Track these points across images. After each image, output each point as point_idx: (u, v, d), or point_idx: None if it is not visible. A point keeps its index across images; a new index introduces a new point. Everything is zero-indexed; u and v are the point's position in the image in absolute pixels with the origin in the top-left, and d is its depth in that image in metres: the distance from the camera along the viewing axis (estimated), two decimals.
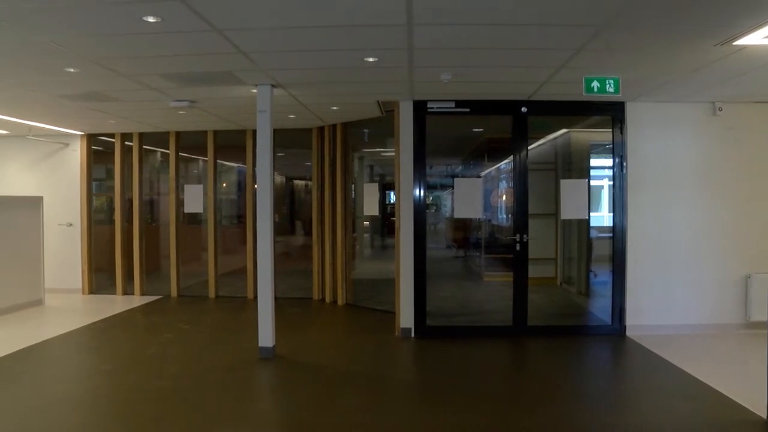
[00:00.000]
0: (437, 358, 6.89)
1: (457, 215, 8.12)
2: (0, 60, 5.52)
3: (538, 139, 10.54)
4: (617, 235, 7.70)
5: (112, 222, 10.97)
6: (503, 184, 12.59)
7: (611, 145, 7.72)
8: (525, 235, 7.64)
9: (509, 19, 4.47)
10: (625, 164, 7.59)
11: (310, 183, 10.74)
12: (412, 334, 7.67)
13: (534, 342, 7.44)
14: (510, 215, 9.02)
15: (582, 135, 10.05)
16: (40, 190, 10.23)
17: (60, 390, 5.73)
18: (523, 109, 7.59)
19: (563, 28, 4.68)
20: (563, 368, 6.48)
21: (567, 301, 10.21)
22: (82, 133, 10.58)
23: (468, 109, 7.64)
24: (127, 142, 10.72)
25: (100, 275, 10.95)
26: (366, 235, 14.83)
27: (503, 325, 7.82)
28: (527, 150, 7.76)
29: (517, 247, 7.64)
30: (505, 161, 11.19)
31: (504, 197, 12.37)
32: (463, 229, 14.62)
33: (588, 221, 9.33)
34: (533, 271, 7.88)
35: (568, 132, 10.33)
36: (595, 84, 6.09)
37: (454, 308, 9.51)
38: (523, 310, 7.68)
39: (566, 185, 7.99)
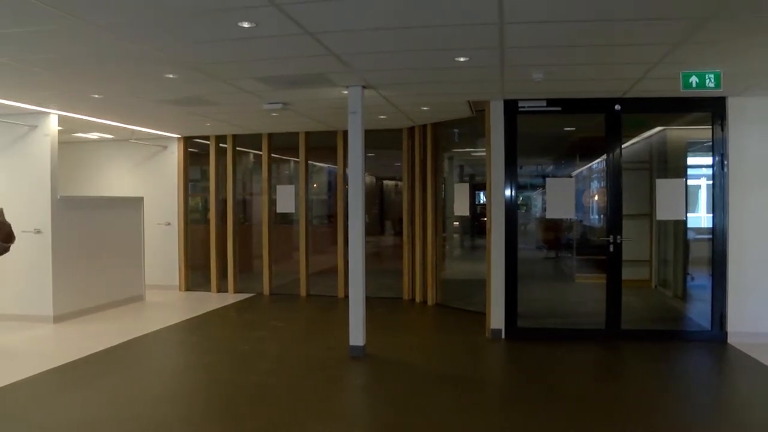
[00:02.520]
0: (529, 360, 6.81)
1: (548, 216, 8.01)
2: (105, 68, 5.81)
3: (631, 137, 10.23)
4: (717, 236, 7.38)
5: (206, 222, 11.33)
6: (595, 184, 12.30)
7: (711, 143, 7.41)
8: (619, 236, 7.42)
9: (603, 14, 4.36)
10: (726, 163, 7.27)
11: (400, 183, 10.77)
12: (503, 336, 7.59)
13: (629, 346, 7.21)
14: (603, 216, 8.81)
15: (679, 132, 9.70)
16: (141, 191, 10.66)
17: (160, 382, 6.01)
18: (617, 107, 7.38)
19: (661, 21, 4.52)
20: (662, 375, 6.23)
21: (662, 304, 9.87)
22: (179, 135, 10.99)
23: (560, 108, 7.50)
24: (221, 144, 11.06)
25: (195, 273, 11.33)
26: (456, 236, 14.76)
27: (596, 328, 7.61)
28: (621, 149, 7.55)
29: (611, 249, 7.44)
30: (598, 160, 10.93)
31: (596, 197, 12.09)
32: (554, 229, 14.36)
33: (685, 222, 9.00)
34: (627, 273, 7.66)
35: (663, 130, 9.98)
36: (694, 79, 5.87)
37: (545, 310, 9.35)
38: (617, 313, 7.47)
39: (662, 185, 7.77)
